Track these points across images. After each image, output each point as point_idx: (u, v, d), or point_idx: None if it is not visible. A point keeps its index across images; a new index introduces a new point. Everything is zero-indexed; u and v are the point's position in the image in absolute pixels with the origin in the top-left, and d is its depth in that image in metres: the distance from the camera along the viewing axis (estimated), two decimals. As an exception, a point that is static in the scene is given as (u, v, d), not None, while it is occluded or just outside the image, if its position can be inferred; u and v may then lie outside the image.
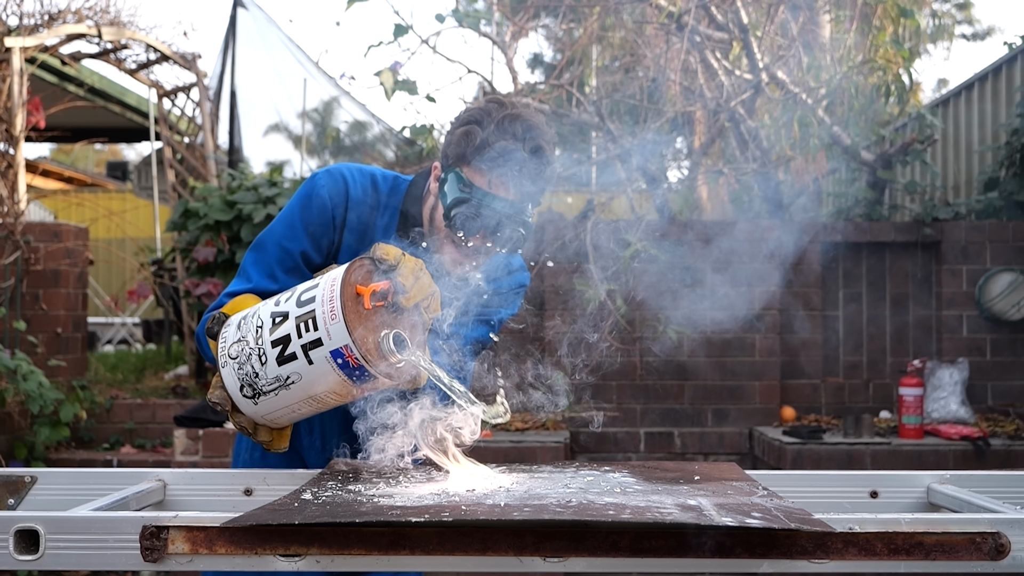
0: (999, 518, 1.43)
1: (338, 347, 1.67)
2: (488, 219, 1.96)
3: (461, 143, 1.98)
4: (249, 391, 1.76)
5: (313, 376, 1.71)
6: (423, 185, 2.14)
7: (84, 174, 16.06)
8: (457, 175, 1.98)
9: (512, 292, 2.22)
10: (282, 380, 1.72)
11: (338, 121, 12.24)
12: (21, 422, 5.49)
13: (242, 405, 1.78)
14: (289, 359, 1.71)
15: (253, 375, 1.74)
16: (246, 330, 1.77)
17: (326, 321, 1.68)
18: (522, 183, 1.95)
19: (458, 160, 1.99)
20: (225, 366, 1.78)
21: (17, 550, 1.42)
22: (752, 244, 5.55)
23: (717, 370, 5.59)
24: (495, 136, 1.95)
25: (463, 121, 2.02)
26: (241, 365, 1.75)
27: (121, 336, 10.71)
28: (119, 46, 7.96)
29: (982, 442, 4.79)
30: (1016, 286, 5.60)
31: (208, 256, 6.28)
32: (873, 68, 5.76)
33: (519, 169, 1.94)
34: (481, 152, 1.95)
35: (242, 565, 1.41)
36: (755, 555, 1.39)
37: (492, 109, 2.00)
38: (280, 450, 1.87)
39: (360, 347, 1.67)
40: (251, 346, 1.75)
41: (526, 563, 1.38)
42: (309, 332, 1.69)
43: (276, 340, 1.72)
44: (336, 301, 1.68)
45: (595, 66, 6.91)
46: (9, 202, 6.14)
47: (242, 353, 1.76)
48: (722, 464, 2.00)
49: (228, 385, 1.78)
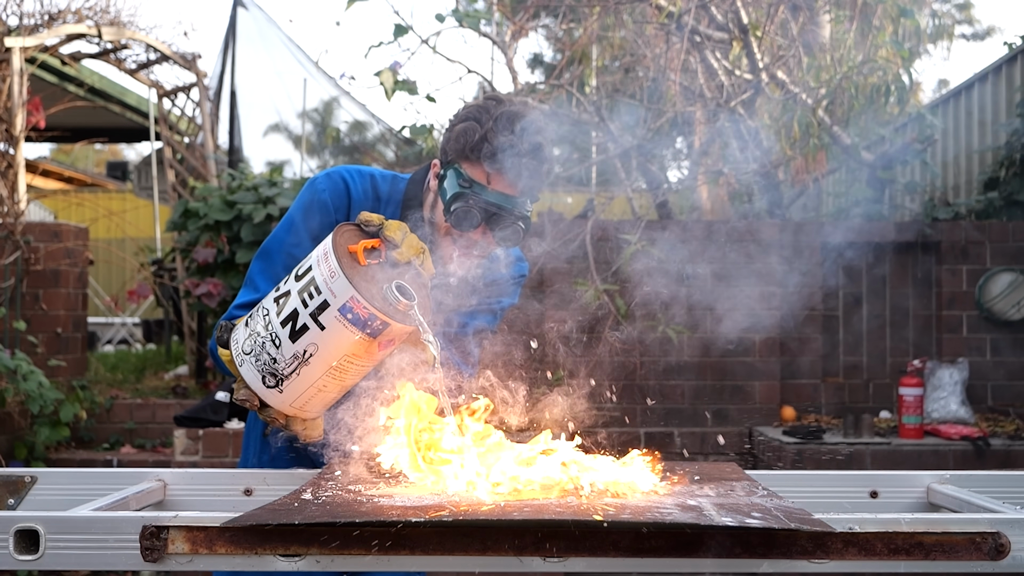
0: (999, 518, 1.43)
1: (344, 302, 1.68)
2: (487, 213, 1.98)
3: (460, 139, 2.00)
4: (271, 380, 1.76)
5: (328, 342, 1.71)
6: (423, 182, 2.16)
7: (84, 174, 16.05)
8: (456, 171, 2.00)
9: (512, 282, 2.26)
10: (300, 356, 1.73)
11: (338, 121, 12.23)
12: (21, 422, 5.49)
13: (268, 398, 1.79)
14: (301, 332, 1.72)
15: (271, 362, 1.75)
16: (254, 324, 1.79)
17: (327, 282, 1.69)
18: (521, 178, 1.98)
19: (457, 156, 2.01)
20: (243, 364, 1.79)
21: (17, 550, 1.42)
22: (752, 244, 5.55)
23: (717, 370, 5.59)
24: (494, 132, 1.97)
25: (462, 118, 2.04)
26: (257, 356, 1.76)
27: (121, 336, 10.71)
28: (119, 46, 7.96)
29: (982, 442, 4.79)
30: (1016, 286, 5.60)
31: (208, 257, 6.27)
32: (873, 68, 5.76)
33: (518, 164, 1.96)
34: (480, 148, 1.97)
35: (242, 565, 1.41)
36: (755, 555, 1.39)
37: (490, 106, 2.02)
38: (316, 439, 1.87)
39: (365, 295, 1.68)
40: (262, 335, 1.76)
41: (526, 563, 1.38)
42: (314, 298, 1.70)
43: (284, 319, 1.73)
44: (332, 260, 1.70)
45: (595, 66, 6.91)
46: (9, 202, 6.14)
47: (256, 345, 1.76)
48: (722, 464, 2.00)
49: (250, 381, 1.78)
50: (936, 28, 8.11)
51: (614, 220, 5.80)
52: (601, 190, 6.63)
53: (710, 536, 1.38)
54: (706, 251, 5.50)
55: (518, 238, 2.03)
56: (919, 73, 11.83)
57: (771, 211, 6.02)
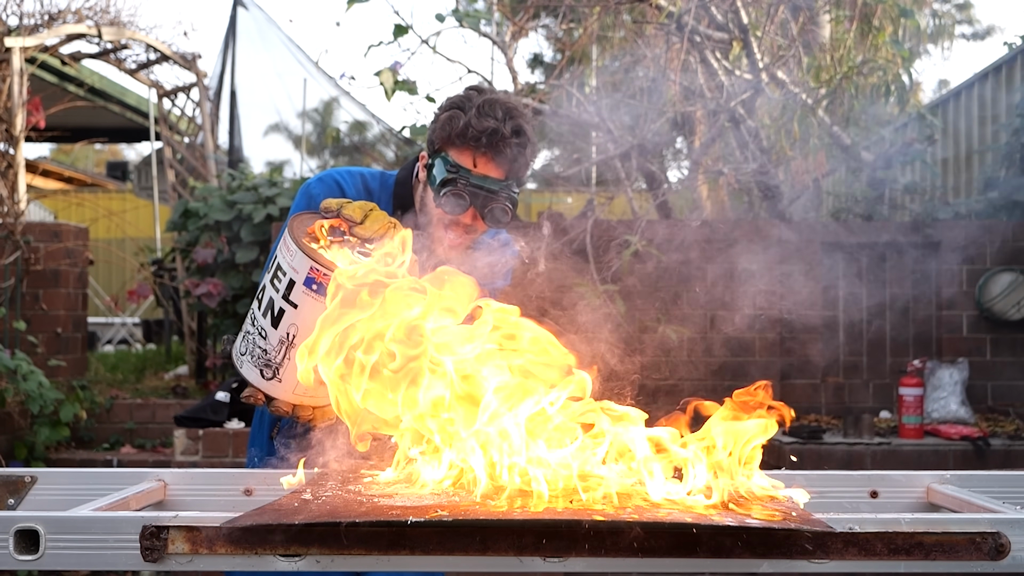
0: (999, 518, 1.43)
1: (306, 274, 1.73)
2: (476, 196, 2.07)
3: (445, 127, 2.10)
4: (268, 372, 1.81)
5: (305, 318, 1.75)
6: (411, 176, 2.24)
7: (84, 174, 16.05)
8: (443, 158, 2.10)
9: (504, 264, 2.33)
10: (285, 340, 1.78)
11: (338, 121, 12.24)
12: (21, 422, 5.49)
13: (270, 390, 1.84)
14: (280, 317, 1.77)
15: (263, 353, 1.80)
16: (246, 325, 1.87)
17: (289, 263, 1.75)
18: (506, 159, 2.08)
19: (444, 144, 2.11)
20: (243, 366, 1.85)
21: (17, 550, 1.42)
22: (752, 244, 5.55)
23: (717, 370, 5.59)
24: (477, 118, 2.07)
25: (445, 107, 2.15)
26: (252, 353, 1.82)
27: (121, 336, 10.71)
28: (119, 46, 7.96)
29: (982, 442, 4.79)
30: (1016, 286, 5.60)
31: (208, 257, 6.28)
32: (873, 68, 5.76)
33: (502, 147, 2.06)
34: (465, 134, 2.07)
35: (242, 565, 1.41)
36: (755, 555, 1.39)
37: (472, 95, 2.13)
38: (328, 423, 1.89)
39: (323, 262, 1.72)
40: (252, 331, 1.83)
41: (526, 563, 1.38)
42: (282, 281, 1.76)
43: (265, 309, 1.80)
44: (290, 242, 1.76)
45: (595, 66, 6.91)
46: (9, 202, 6.14)
47: (248, 343, 1.83)
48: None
49: (252, 379, 1.84)
50: (936, 28, 8.12)
51: (614, 220, 5.80)
52: (601, 190, 6.62)
53: (710, 536, 1.38)
54: (706, 251, 5.50)
55: (507, 218, 2.11)
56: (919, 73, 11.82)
57: (771, 211, 6.02)
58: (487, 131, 2.05)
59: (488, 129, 2.05)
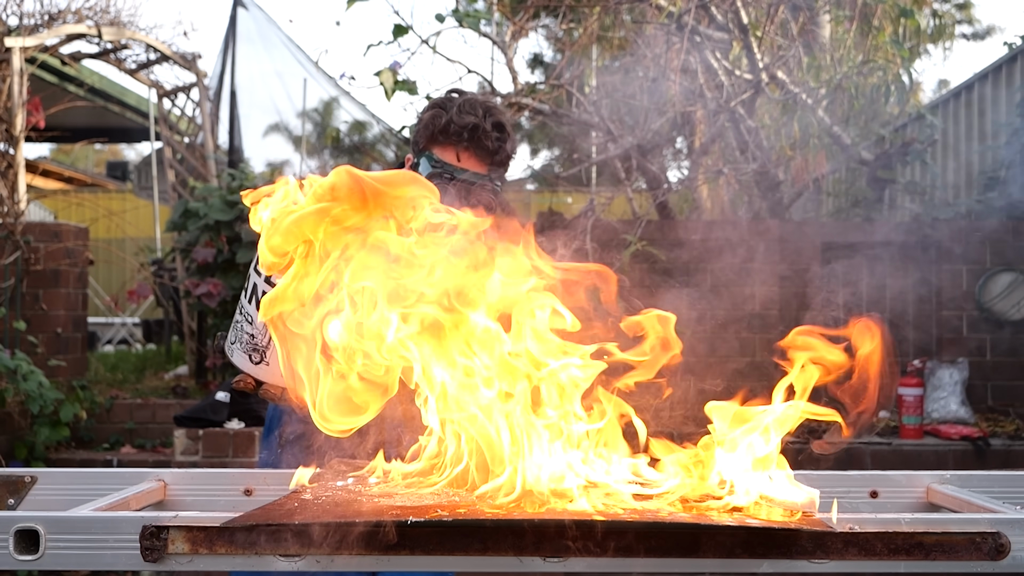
0: (999, 518, 1.43)
1: None
2: (461, 190, 2.17)
3: (428, 127, 2.22)
4: (256, 356, 1.86)
5: None
6: None
7: (84, 174, 16.04)
8: (428, 156, 2.21)
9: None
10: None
11: (338, 121, 12.22)
12: (21, 422, 5.48)
13: (259, 374, 1.88)
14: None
15: (250, 339, 1.86)
16: (235, 316, 1.92)
17: None
18: (487, 154, 2.19)
19: (428, 143, 2.22)
20: (233, 354, 1.90)
21: (17, 550, 1.42)
22: (752, 244, 5.55)
23: (716, 370, 5.59)
24: (458, 115, 2.18)
25: (427, 108, 2.26)
26: (239, 339, 1.88)
27: (121, 336, 10.71)
28: (119, 46, 7.95)
29: (982, 442, 4.79)
30: (1016, 286, 5.60)
31: (208, 257, 6.27)
32: (873, 68, 5.76)
33: (483, 141, 2.18)
34: (447, 130, 2.19)
35: (242, 565, 1.41)
36: (755, 555, 1.39)
37: (453, 96, 2.26)
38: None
39: None
40: (239, 319, 1.88)
41: (526, 563, 1.38)
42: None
43: (249, 296, 1.85)
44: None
45: (595, 66, 6.91)
46: (9, 202, 6.14)
47: (237, 331, 1.89)
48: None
49: (242, 365, 1.88)
50: (936, 28, 8.12)
51: (614, 220, 5.80)
52: (601, 190, 6.63)
53: (710, 536, 1.38)
54: (705, 250, 5.49)
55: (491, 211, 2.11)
56: (919, 73, 11.83)
57: (771, 211, 6.02)
58: (468, 127, 2.17)
59: (469, 125, 2.17)
